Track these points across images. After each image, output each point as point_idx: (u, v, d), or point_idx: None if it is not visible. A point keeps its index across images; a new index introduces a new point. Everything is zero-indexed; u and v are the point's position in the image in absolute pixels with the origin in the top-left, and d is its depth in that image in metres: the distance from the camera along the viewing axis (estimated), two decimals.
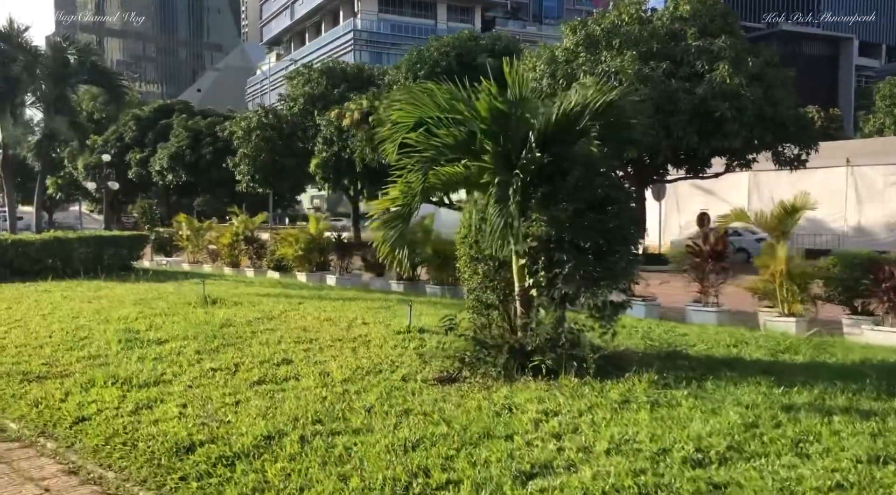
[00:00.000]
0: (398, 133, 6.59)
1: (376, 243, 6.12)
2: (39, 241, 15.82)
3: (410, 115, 6.49)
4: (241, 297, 12.32)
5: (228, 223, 22.35)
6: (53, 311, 10.99)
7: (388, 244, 5.98)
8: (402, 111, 6.51)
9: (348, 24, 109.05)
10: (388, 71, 35.55)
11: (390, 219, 5.95)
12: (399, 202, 5.98)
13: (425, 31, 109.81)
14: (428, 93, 6.28)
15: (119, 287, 14.26)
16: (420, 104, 6.35)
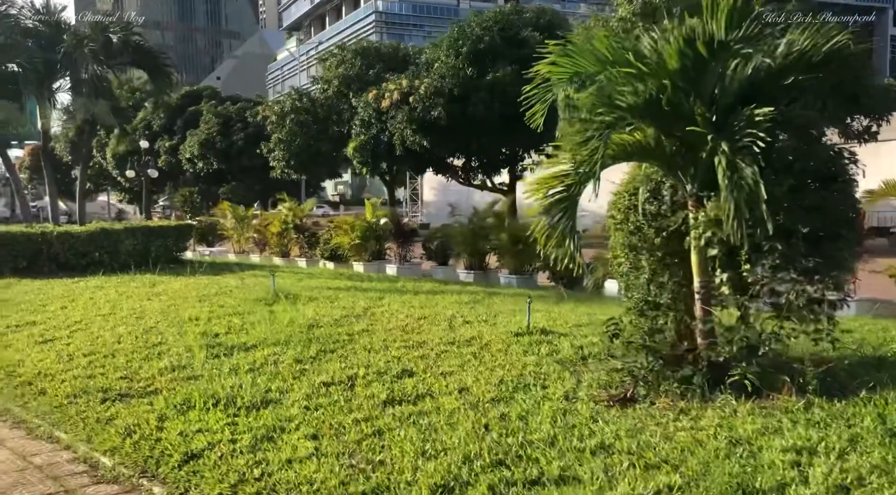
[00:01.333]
0: (548, 92, 5.44)
1: (536, 232, 5.00)
2: (86, 234, 14.92)
3: (564, 70, 5.34)
4: (311, 291, 11.30)
5: (257, 210, 21.36)
6: (114, 311, 10.04)
7: (555, 232, 4.86)
8: (555, 66, 5.35)
9: (370, 6, 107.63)
10: (424, 50, 34.22)
11: (557, 200, 4.83)
12: (568, 180, 4.85)
13: (447, 12, 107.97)
14: (588, 41, 5.11)
15: (174, 281, 13.32)
16: (576, 55, 5.19)
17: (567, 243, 4.86)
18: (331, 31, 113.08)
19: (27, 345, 8.09)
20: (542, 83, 5.55)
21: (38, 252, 15.07)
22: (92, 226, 15.56)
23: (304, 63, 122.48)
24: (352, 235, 16.77)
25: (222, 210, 21.18)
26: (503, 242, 13.68)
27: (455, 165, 33.79)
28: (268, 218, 20.10)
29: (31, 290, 12.78)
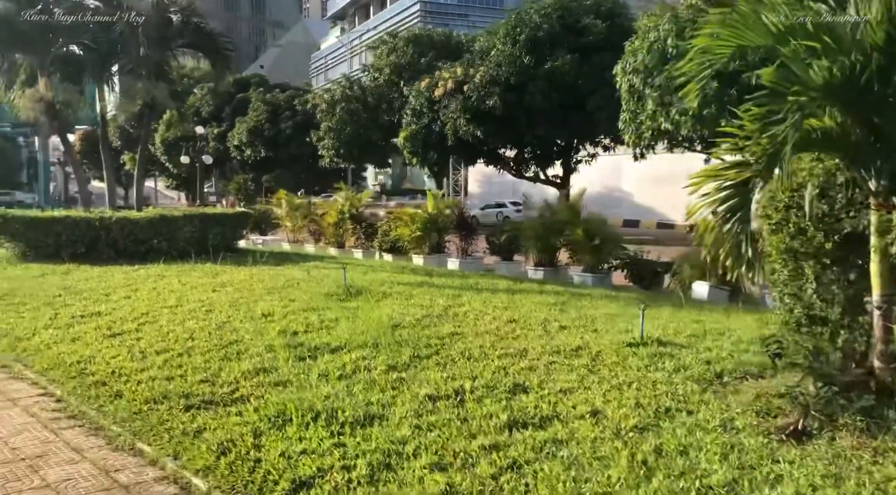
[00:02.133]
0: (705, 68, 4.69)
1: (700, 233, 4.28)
2: (145, 220, 14.58)
3: (726, 43, 4.58)
4: (381, 286, 10.70)
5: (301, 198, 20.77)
6: (180, 303, 9.57)
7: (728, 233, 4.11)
8: (716, 38, 4.59)
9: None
10: (478, 38, 33.42)
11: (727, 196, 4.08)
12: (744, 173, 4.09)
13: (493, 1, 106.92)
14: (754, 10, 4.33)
15: (237, 271, 12.86)
16: (741, 27, 4.42)
17: (743, 247, 4.11)
18: (375, 20, 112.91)
19: (95, 339, 7.64)
20: (702, 57, 4.76)
21: (97, 238, 14.79)
22: (151, 212, 15.24)
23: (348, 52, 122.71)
24: (412, 227, 16.15)
25: (278, 198, 20.76)
26: (578, 238, 12.92)
27: (506, 157, 33.00)
28: (323, 207, 19.60)
29: (91, 277, 12.46)
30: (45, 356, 7.11)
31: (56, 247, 14.80)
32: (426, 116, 30.80)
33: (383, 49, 36.26)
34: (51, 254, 14.82)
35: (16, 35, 15.04)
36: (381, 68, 35.15)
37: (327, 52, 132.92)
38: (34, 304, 9.90)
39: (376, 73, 35.52)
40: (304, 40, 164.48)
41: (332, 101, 35.07)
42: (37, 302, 10.10)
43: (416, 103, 31.16)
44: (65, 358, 6.95)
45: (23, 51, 16.01)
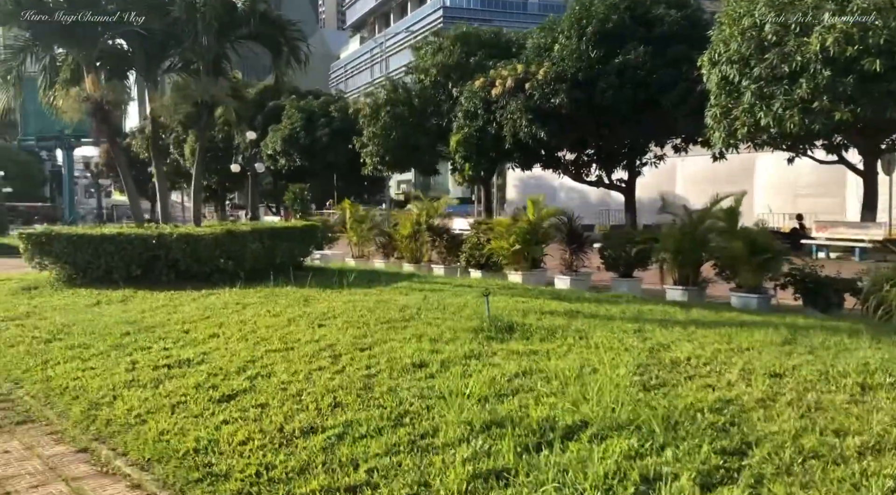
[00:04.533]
0: None
1: None
2: (210, 237, 12.54)
3: None
4: (522, 317, 8.55)
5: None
6: (287, 343, 7.47)
7: None
8: None
9: (437, 1, 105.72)
10: (530, 34, 31.30)
11: None
12: None
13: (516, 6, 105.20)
14: None
15: (328, 297, 10.77)
16: None
17: None
18: (396, 28, 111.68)
19: (203, 406, 5.55)
20: None
21: (155, 258, 12.80)
22: (216, 227, 13.21)
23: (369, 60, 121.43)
24: (509, 240, 14.02)
25: (341, 209, 18.71)
26: (736, 251, 10.70)
27: (566, 160, 30.80)
28: (399, 218, 17.52)
29: (156, 307, 10.42)
30: (142, 437, 5.03)
31: (107, 270, 12.82)
32: (481, 118, 28.71)
33: (427, 49, 34.23)
34: (101, 277, 12.85)
35: (59, 27, 13.13)
36: (427, 69, 33.10)
37: (346, 62, 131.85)
38: (100, 347, 7.86)
39: (422, 74, 33.46)
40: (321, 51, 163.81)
41: (376, 106, 33.05)
42: (102, 342, 8.06)
43: (468, 105, 29.09)
44: (173, 442, 4.86)
45: (67, 44, 14.11)
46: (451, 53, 32.74)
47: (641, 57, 24.77)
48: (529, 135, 26.59)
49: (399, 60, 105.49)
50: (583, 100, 25.39)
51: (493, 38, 33.73)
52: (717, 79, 21.12)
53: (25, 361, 7.46)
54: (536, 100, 25.83)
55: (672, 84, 24.44)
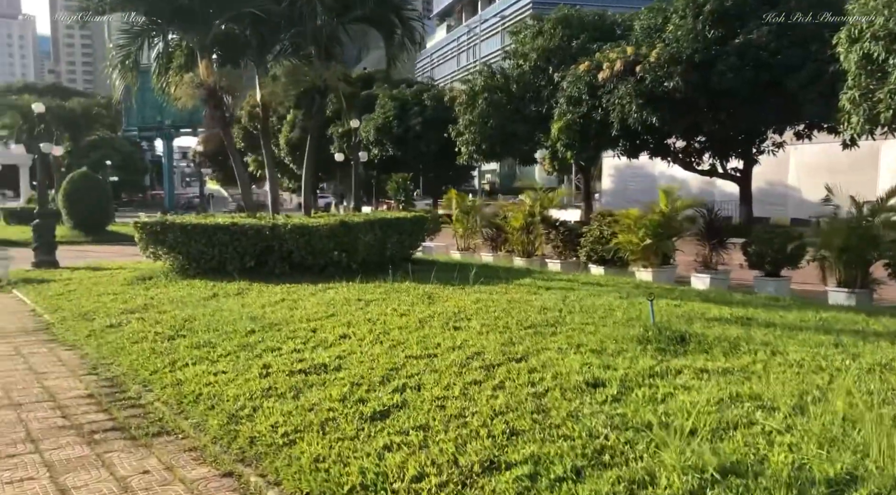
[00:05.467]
0: None
1: None
2: (325, 228, 12.02)
3: None
4: (686, 323, 7.51)
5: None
6: (427, 348, 6.73)
7: None
8: None
9: None
10: (638, 16, 29.67)
11: None
12: None
13: None
14: None
15: (452, 294, 10.02)
16: None
17: None
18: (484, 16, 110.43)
19: (354, 426, 4.85)
20: None
21: (268, 249, 12.39)
22: (330, 218, 12.72)
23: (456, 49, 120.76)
24: (639, 234, 12.90)
25: (448, 199, 17.99)
26: None
27: (676, 147, 29.09)
28: (508, 209, 16.65)
29: (275, 301, 9.92)
30: (295, 463, 4.37)
31: (220, 261, 12.51)
32: (585, 104, 27.36)
33: (526, 33, 33.06)
34: (214, 267, 12.56)
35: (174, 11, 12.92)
36: (526, 54, 31.94)
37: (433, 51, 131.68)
38: (227, 346, 7.35)
39: (520, 59, 32.33)
40: None
41: (473, 92, 32.18)
42: (228, 341, 7.55)
43: (572, 89, 27.77)
44: (333, 472, 4.17)
45: (181, 29, 13.92)
46: (552, 37, 31.46)
47: (765, 36, 22.90)
48: (639, 121, 25.09)
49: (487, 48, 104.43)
50: (699, 83, 23.71)
51: (596, 20, 32.25)
52: (857, 58, 19.10)
53: (152, 361, 7.02)
54: (648, 83, 24.31)
55: (799, 65, 22.48)
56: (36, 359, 7.74)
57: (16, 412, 5.88)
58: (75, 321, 9.48)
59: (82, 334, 8.64)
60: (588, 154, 29.59)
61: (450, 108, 40.01)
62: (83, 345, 8.23)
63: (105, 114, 55.83)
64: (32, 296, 12.03)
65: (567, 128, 28.40)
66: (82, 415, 5.80)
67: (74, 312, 10.06)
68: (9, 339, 8.82)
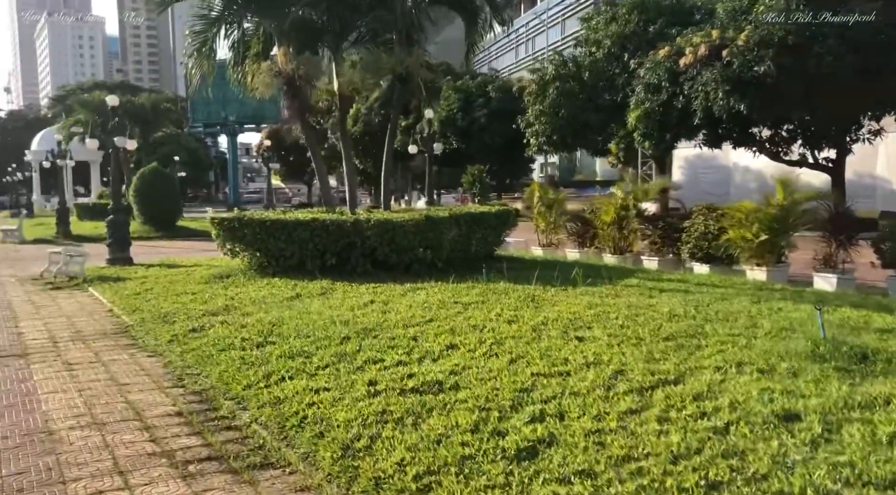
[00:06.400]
0: None
1: None
2: (410, 223, 11.22)
3: None
4: (854, 335, 6.38)
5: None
6: (561, 367, 5.80)
7: None
8: None
9: None
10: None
11: None
12: None
13: None
14: None
15: (558, 297, 9.07)
16: None
17: None
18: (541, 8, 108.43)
19: (501, 467, 4.00)
20: None
21: (350, 246, 11.66)
22: (415, 213, 11.94)
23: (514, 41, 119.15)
24: (752, 229, 11.68)
25: (530, 192, 17.01)
26: None
27: (762, 137, 27.34)
28: (600, 202, 15.57)
29: (363, 303, 9.15)
30: None
31: (300, 258, 11.85)
32: (665, 91, 25.93)
33: (599, 19, 31.73)
34: (293, 265, 11.90)
35: None
36: (599, 41, 30.63)
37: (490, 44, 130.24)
38: (323, 356, 6.59)
39: (593, 46, 31.02)
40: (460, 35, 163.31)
41: (543, 82, 31.04)
42: (323, 350, 6.79)
43: (651, 76, 26.35)
44: None
45: (258, 14, 13.31)
46: (627, 22, 30.09)
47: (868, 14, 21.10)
48: (724, 109, 23.55)
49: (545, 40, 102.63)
50: (793, 67, 22.04)
51: (674, 3, 30.68)
52: None
53: (244, 373, 6.30)
54: (735, 68, 22.74)
55: None
56: (117, 367, 7.14)
57: (100, 433, 5.22)
58: (155, 323, 8.92)
59: (164, 339, 8.04)
60: (667, 143, 28.12)
61: (516, 100, 38.94)
62: (165, 351, 7.61)
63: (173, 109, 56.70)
64: (109, 294, 11.60)
65: (645, 116, 27.04)
66: (173, 439, 5.09)
67: (153, 313, 9.52)
68: (88, 343, 8.29)
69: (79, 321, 9.73)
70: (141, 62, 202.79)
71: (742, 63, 22.63)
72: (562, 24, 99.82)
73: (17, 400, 6.06)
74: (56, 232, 27.82)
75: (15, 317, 10.24)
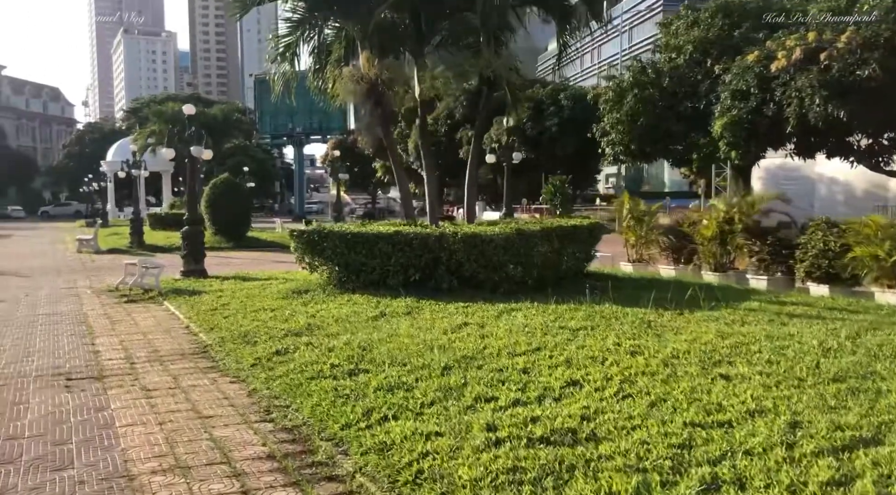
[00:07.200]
0: None
1: None
2: (500, 238, 10.40)
3: None
4: None
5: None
6: (717, 415, 4.87)
7: None
8: None
9: None
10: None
11: None
12: None
13: None
14: None
15: (677, 323, 8.09)
16: None
17: None
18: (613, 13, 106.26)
19: None
20: None
21: (435, 261, 10.91)
22: (505, 227, 11.12)
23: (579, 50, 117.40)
24: (884, 246, 10.41)
25: (619, 203, 15.98)
26: None
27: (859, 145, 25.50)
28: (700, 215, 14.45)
29: (456, 326, 8.34)
30: None
31: (382, 273, 11.15)
32: (754, 98, 24.44)
33: (679, 24, 30.41)
34: (375, 281, 11.22)
35: None
36: (681, 46, 29.28)
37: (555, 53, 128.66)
38: (425, 389, 5.81)
39: (673, 52, 29.69)
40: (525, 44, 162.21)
41: (621, 89, 29.83)
42: (424, 381, 6.02)
43: (738, 83, 24.88)
44: None
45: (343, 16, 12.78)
46: (711, 27, 28.68)
47: None
48: (821, 116, 21.95)
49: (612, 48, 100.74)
50: None
51: (761, 6, 29.06)
52: None
53: (339, 408, 5.56)
54: (835, 72, 21.19)
55: None
56: (198, 394, 6.52)
57: (185, 481, 4.54)
58: (235, 344, 8.32)
59: (246, 362, 7.41)
60: (755, 153, 26.53)
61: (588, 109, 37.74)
62: (249, 376, 6.96)
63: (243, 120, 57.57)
64: (185, 309, 11.15)
65: (732, 124, 25.50)
66: (267, 491, 4.37)
67: (233, 332, 8.94)
68: (166, 365, 7.74)
69: (155, 338, 9.24)
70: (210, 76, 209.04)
71: (843, 67, 21.04)
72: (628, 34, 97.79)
73: (94, 433, 5.47)
74: (130, 242, 28.10)
75: (91, 332, 9.85)
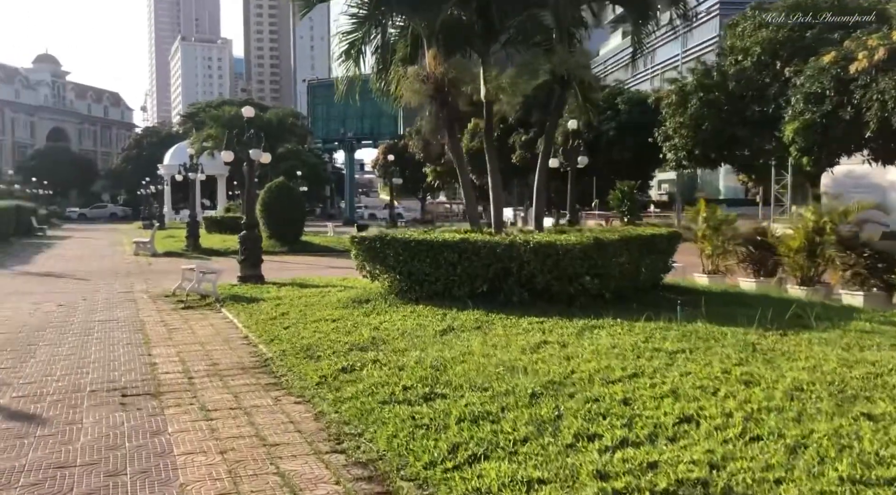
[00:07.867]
0: None
1: None
2: (577, 248, 9.67)
3: None
4: None
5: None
6: (879, 478, 4.07)
7: None
8: None
9: None
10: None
11: None
12: None
13: None
14: None
15: (787, 347, 7.25)
16: None
17: None
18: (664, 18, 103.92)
19: None
20: None
21: (504, 271, 10.22)
22: (582, 236, 10.38)
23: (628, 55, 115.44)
24: None
25: (695, 211, 15.05)
26: None
27: None
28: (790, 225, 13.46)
29: (533, 344, 7.65)
30: None
31: (446, 283, 10.52)
32: (829, 101, 23.15)
33: (746, 25, 29.15)
34: (439, 291, 10.59)
35: None
36: (748, 48, 28.05)
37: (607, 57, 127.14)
38: (516, 421, 5.14)
39: (739, 54, 28.47)
40: None
41: (684, 92, 28.74)
42: (511, 411, 5.35)
43: (812, 85, 23.64)
44: None
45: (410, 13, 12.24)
46: (780, 27, 27.38)
47: None
48: None
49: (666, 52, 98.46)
50: None
51: (834, 5, 27.64)
52: None
53: (421, 442, 4.92)
54: None
55: None
56: (261, 417, 5.98)
57: None
58: (297, 358, 7.79)
59: (311, 380, 6.85)
60: (829, 159, 25.16)
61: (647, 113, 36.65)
62: (315, 397, 6.40)
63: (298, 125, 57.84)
64: (243, 318, 10.71)
65: (804, 129, 24.24)
66: None
67: (294, 344, 8.43)
68: (226, 380, 7.24)
69: (214, 350, 8.78)
70: (263, 82, 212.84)
71: None
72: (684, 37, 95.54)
73: (150, 464, 4.95)
74: (186, 245, 28.14)
75: (147, 341, 9.47)
